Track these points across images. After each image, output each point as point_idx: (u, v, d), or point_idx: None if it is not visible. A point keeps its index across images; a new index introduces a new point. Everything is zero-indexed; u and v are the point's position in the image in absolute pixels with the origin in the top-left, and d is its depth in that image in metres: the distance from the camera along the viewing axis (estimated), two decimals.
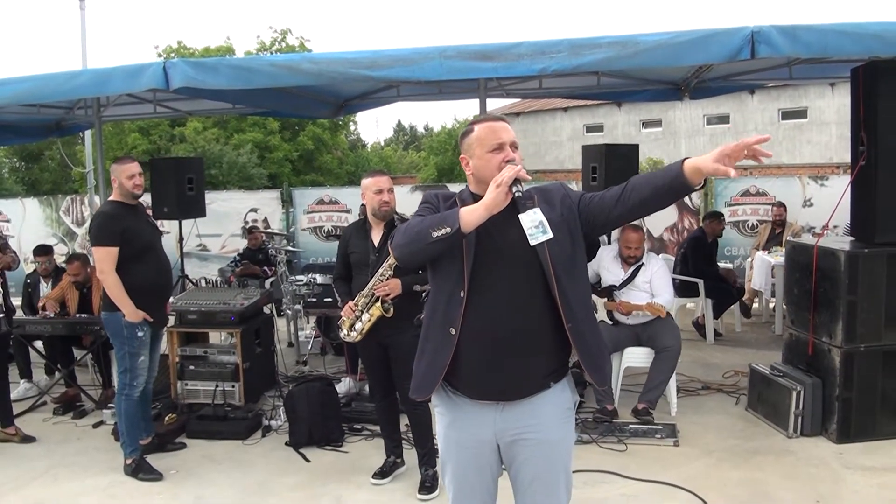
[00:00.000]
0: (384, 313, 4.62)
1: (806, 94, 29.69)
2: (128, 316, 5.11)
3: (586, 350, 2.83)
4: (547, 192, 2.92)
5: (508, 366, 2.79)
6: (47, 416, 6.69)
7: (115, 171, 5.28)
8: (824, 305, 5.61)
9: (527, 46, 5.18)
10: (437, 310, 2.89)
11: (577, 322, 2.80)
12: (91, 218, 5.38)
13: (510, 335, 2.78)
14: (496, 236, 2.81)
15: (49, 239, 12.12)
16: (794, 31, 4.88)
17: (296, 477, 5.22)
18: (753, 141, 2.49)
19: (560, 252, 2.79)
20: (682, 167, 2.59)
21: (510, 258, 2.80)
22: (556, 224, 2.76)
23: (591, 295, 2.99)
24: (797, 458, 5.24)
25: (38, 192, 26.57)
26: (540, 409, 2.85)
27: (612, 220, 2.84)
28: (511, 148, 2.88)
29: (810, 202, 10.42)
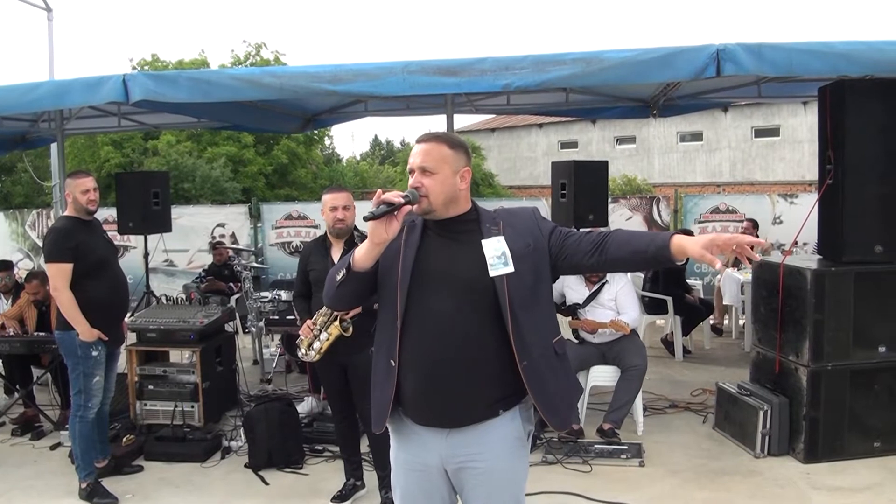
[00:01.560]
0: (343, 332, 4.52)
1: (779, 112, 29.95)
2: (82, 335, 4.99)
3: (540, 390, 2.73)
4: (515, 218, 2.83)
5: (448, 394, 2.71)
6: (5, 437, 6.54)
7: (70, 186, 5.17)
8: (791, 324, 5.58)
9: (490, 62, 5.14)
10: (380, 341, 2.84)
11: (533, 361, 2.70)
12: (45, 235, 5.25)
13: (448, 364, 2.69)
14: (441, 262, 2.75)
15: (14, 254, 11.97)
16: (760, 49, 4.89)
17: (253, 500, 5.11)
18: (747, 241, 2.46)
19: (520, 286, 2.70)
20: (670, 242, 2.54)
21: (456, 284, 2.72)
22: (519, 255, 2.70)
23: (555, 331, 2.86)
24: (764, 478, 5.20)
25: (10, 205, 26.22)
26: (487, 437, 2.74)
27: (583, 267, 2.80)
28: (420, 172, 2.73)
29: (780, 219, 10.47)
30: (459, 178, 2.77)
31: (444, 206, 2.75)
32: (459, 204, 2.80)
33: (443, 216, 2.78)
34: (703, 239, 2.47)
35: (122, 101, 5.58)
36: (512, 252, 2.70)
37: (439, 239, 2.80)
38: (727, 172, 31.86)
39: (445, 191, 2.74)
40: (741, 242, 2.45)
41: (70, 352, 5.10)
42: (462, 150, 2.82)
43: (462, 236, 2.77)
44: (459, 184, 2.77)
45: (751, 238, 2.51)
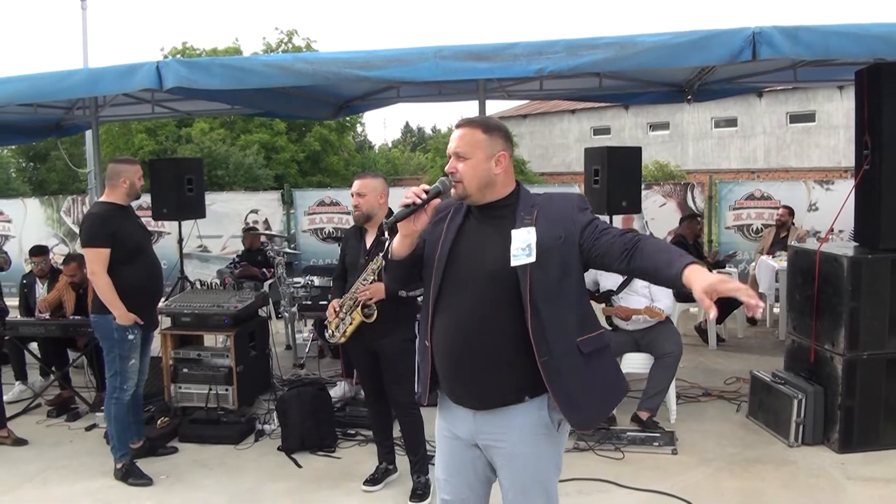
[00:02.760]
0: (365, 318, 4.56)
1: (814, 97, 29.53)
2: (118, 318, 5.05)
3: (560, 388, 2.70)
4: (553, 206, 2.79)
5: (471, 378, 2.77)
6: (41, 419, 6.64)
7: (128, 173, 5.21)
8: (827, 312, 5.51)
9: (523, 47, 5.10)
10: (421, 320, 2.97)
11: (553, 358, 2.69)
12: (82, 220, 5.31)
13: (468, 351, 2.74)
14: (473, 249, 2.79)
15: (50, 239, 12.12)
16: (796, 32, 4.80)
17: (286, 483, 5.15)
18: (754, 302, 2.32)
19: (543, 278, 2.68)
20: (682, 272, 2.46)
21: (480, 272, 2.74)
22: (547, 247, 2.68)
23: (582, 327, 2.79)
24: (798, 468, 5.14)
25: (45, 192, 26.59)
26: (511, 422, 2.78)
27: (611, 269, 2.75)
28: (455, 157, 2.78)
29: (815, 206, 10.31)
30: (494, 163, 2.77)
31: (479, 191, 2.77)
32: (496, 188, 2.80)
33: (479, 201, 2.80)
34: (708, 280, 2.36)
35: (156, 87, 5.59)
36: (540, 243, 2.68)
37: (478, 224, 2.83)
38: (762, 159, 31.51)
39: (479, 175, 2.74)
40: (748, 294, 2.34)
41: (106, 335, 5.16)
42: (499, 133, 2.80)
43: (498, 222, 2.77)
44: (494, 168, 2.77)
45: (752, 297, 2.36)
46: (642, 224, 10.22)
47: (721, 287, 2.35)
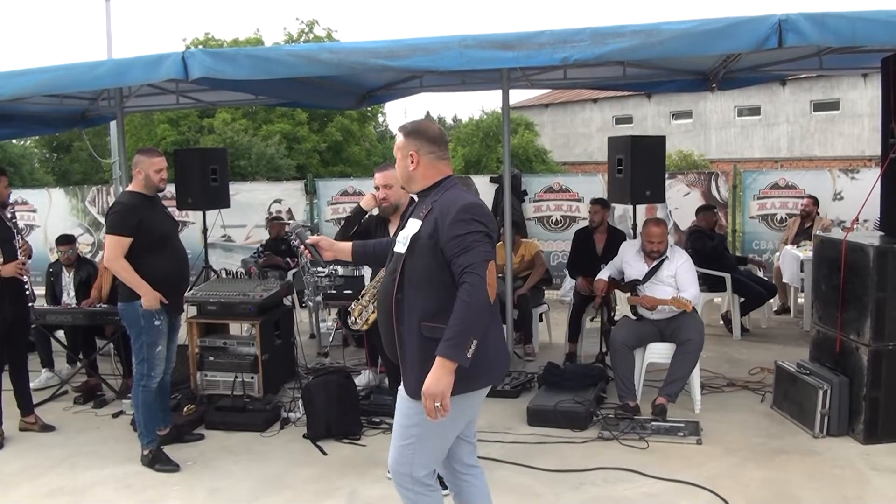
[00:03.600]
0: None
1: (838, 85, 29.25)
2: (145, 299, 5.08)
3: (403, 354, 3.24)
4: (440, 209, 3.17)
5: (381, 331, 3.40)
6: (68, 405, 6.73)
7: (143, 164, 5.24)
8: (852, 302, 5.47)
9: (548, 35, 5.07)
10: None
11: (404, 329, 3.20)
12: (109, 208, 5.36)
13: (378, 306, 3.44)
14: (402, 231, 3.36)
15: (75, 229, 12.22)
16: (823, 18, 4.74)
17: (312, 470, 5.20)
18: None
19: (413, 266, 3.18)
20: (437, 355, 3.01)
21: (391, 258, 3.36)
22: (422, 242, 3.16)
23: (431, 315, 3.13)
24: (822, 459, 5.12)
25: (68, 182, 26.79)
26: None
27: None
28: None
29: (840, 195, 10.21)
30: (409, 161, 3.30)
31: (407, 185, 3.41)
32: (417, 182, 3.34)
33: (410, 192, 3.52)
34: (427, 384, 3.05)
35: (182, 78, 5.60)
36: (418, 237, 3.17)
37: (412, 212, 3.40)
38: (785, 148, 31.28)
39: (400, 172, 3.39)
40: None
41: (133, 322, 5.22)
42: (413, 135, 3.31)
43: (413, 212, 3.35)
44: (410, 165, 3.30)
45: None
46: (666, 213, 10.17)
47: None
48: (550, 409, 5.82)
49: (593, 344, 7.53)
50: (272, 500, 4.78)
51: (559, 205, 10.97)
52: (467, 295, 2.98)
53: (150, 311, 5.16)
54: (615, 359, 6.14)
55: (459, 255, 3.03)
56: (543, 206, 11.11)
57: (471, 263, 3.01)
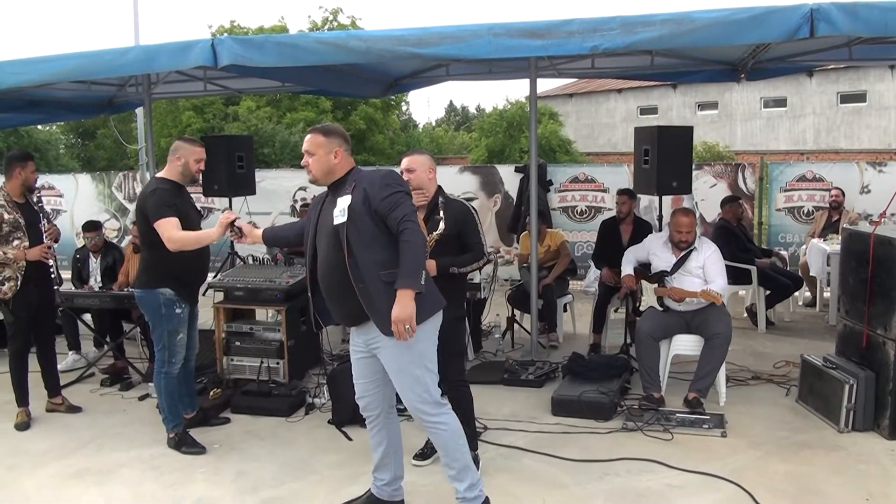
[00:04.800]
0: None
1: (865, 77, 28.94)
2: (213, 236, 4.98)
3: (370, 306, 3.78)
4: (365, 180, 3.85)
5: (336, 306, 4.00)
6: (94, 388, 6.82)
7: (184, 151, 5.26)
8: (880, 296, 5.42)
9: (578, 24, 5.05)
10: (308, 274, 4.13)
11: (366, 285, 3.77)
12: (144, 195, 5.24)
13: (327, 288, 3.97)
14: (324, 216, 3.92)
15: (101, 214, 12.35)
16: (855, 8, 4.70)
17: (337, 455, 5.23)
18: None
19: (355, 231, 3.75)
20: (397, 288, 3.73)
21: (325, 230, 3.90)
22: (357, 210, 3.77)
23: (386, 265, 3.78)
24: (847, 454, 5.09)
25: (93, 168, 27.01)
26: (374, 330, 3.85)
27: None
28: (306, 154, 3.99)
29: (868, 188, 10.12)
30: (333, 156, 3.92)
31: (323, 176, 3.95)
32: (336, 172, 3.94)
33: (327, 182, 3.98)
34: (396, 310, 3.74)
35: (211, 65, 5.62)
36: (352, 207, 3.76)
37: (330, 199, 3.94)
38: (811, 140, 31.00)
39: (322, 165, 3.92)
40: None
41: (153, 310, 5.25)
42: (335, 135, 3.97)
43: (336, 195, 3.88)
44: (333, 159, 3.93)
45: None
46: (692, 204, 10.11)
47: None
48: (575, 399, 5.82)
49: (618, 335, 7.52)
50: (298, 484, 4.82)
51: (584, 195, 10.94)
52: (410, 236, 3.70)
53: (171, 299, 5.20)
54: (640, 350, 6.13)
55: (394, 210, 3.74)
56: (568, 196, 11.08)
57: (405, 214, 3.74)
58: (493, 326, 8.09)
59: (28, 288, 5.73)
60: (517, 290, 8.10)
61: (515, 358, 7.19)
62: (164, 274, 5.19)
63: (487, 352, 7.57)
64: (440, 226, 4.54)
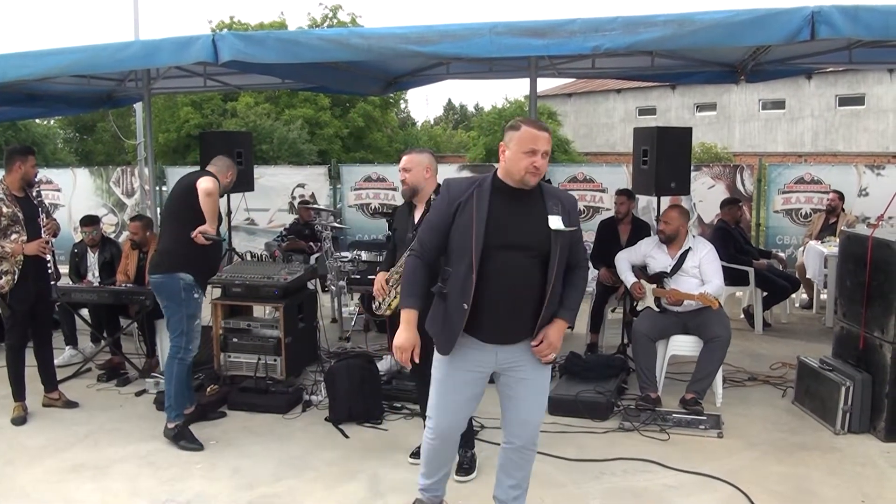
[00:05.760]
0: None
1: (864, 80, 28.98)
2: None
3: (546, 318, 3.61)
4: (568, 202, 3.66)
5: (513, 320, 3.62)
6: (91, 383, 6.81)
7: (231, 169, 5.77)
8: (877, 299, 5.43)
9: (580, 23, 5.05)
10: (456, 284, 3.60)
11: (552, 301, 3.59)
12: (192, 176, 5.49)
13: (513, 300, 3.57)
14: (514, 224, 3.54)
15: (99, 209, 12.30)
16: (856, 11, 4.70)
17: (334, 452, 5.23)
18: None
19: (561, 256, 3.56)
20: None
21: (525, 242, 3.53)
22: (566, 234, 3.56)
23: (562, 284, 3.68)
24: (843, 455, 5.11)
25: (91, 163, 26.97)
26: (527, 352, 3.69)
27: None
28: (542, 156, 3.48)
29: (866, 191, 10.12)
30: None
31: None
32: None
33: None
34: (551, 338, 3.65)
35: (212, 61, 5.60)
36: (563, 231, 3.54)
37: (505, 204, 3.55)
38: (809, 142, 31.04)
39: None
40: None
41: (173, 294, 5.31)
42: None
43: (526, 203, 3.56)
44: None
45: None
46: (690, 206, 10.11)
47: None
48: (572, 398, 5.82)
49: (615, 335, 7.53)
50: (294, 481, 4.81)
51: (583, 195, 10.92)
52: (585, 274, 3.75)
53: (190, 284, 5.29)
54: (637, 350, 6.13)
55: (579, 242, 3.70)
56: None
57: (584, 249, 3.78)
58: None
59: (26, 282, 5.72)
60: None
61: None
62: (185, 259, 5.29)
63: None
64: None
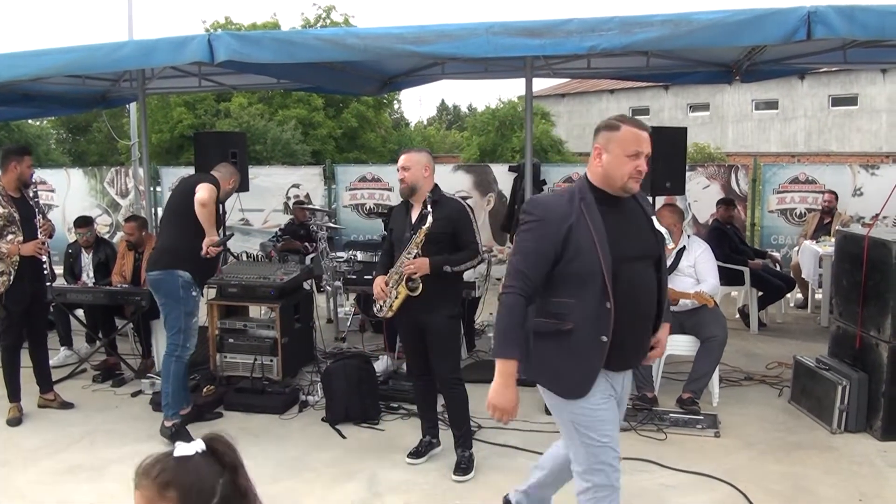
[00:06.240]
0: (410, 292, 4.60)
1: (857, 80, 29.04)
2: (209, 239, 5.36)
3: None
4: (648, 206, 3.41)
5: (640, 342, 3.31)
6: (86, 384, 6.80)
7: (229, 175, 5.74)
8: (874, 298, 5.44)
9: (576, 23, 5.05)
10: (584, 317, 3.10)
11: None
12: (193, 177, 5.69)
13: (640, 319, 3.21)
14: (627, 233, 3.14)
15: (93, 210, 12.28)
16: (852, 11, 4.73)
17: (331, 452, 5.23)
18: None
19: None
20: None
21: (639, 254, 3.19)
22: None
23: None
24: (840, 454, 5.12)
25: (84, 163, 26.91)
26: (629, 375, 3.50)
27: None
28: (645, 160, 3.13)
29: (860, 191, 10.16)
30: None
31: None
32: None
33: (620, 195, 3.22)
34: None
35: (207, 61, 5.60)
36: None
37: (613, 212, 3.14)
38: (802, 142, 31.10)
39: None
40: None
41: (171, 291, 5.33)
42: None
43: (626, 210, 3.20)
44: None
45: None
46: (685, 206, 10.13)
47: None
48: None
49: None
50: (292, 481, 4.80)
51: None
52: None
53: (188, 282, 5.31)
54: None
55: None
56: None
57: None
58: (486, 325, 8.10)
59: (21, 283, 5.71)
60: None
61: None
62: (184, 257, 5.33)
63: (481, 350, 7.56)
64: (428, 220, 4.56)
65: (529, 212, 3.17)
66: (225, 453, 1.79)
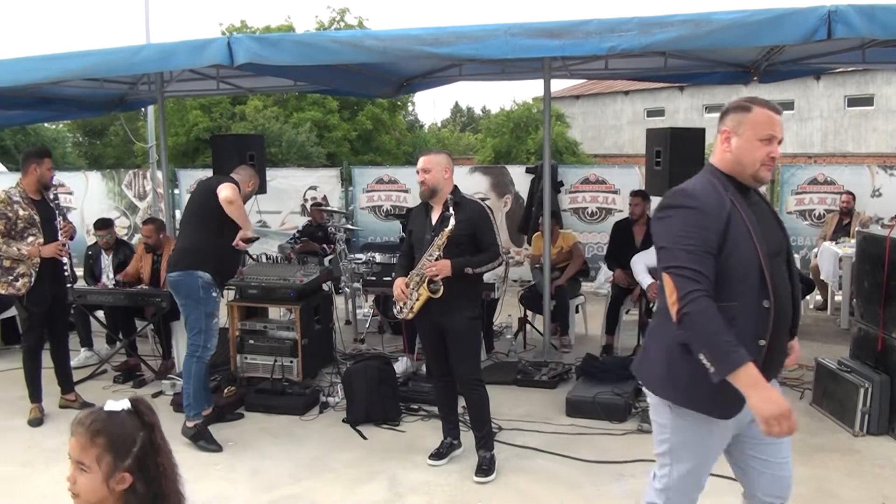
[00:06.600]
0: (431, 294, 4.60)
1: (873, 80, 28.85)
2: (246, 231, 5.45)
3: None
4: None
5: (782, 353, 3.05)
6: (107, 385, 6.83)
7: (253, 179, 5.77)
8: (895, 300, 5.41)
9: (596, 24, 5.05)
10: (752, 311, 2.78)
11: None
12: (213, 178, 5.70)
13: (783, 327, 2.89)
14: (764, 230, 2.81)
15: (111, 212, 12.35)
16: (873, 10, 4.71)
17: (352, 453, 5.23)
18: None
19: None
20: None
21: (779, 251, 2.88)
22: None
23: None
24: (862, 457, 5.08)
25: (101, 166, 27.04)
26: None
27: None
28: (779, 145, 2.85)
29: (879, 192, 10.08)
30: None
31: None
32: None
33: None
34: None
35: (227, 63, 5.62)
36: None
37: (748, 207, 2.82)
38: (818, 143, 30.92)
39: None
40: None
41: (191, 292, 5.35)
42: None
43: (756, 205, 2.88)
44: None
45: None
46: None
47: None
48: (589, 400, 5.81)
49: (631, 336, 7.51)
50: (313, 482, 4.81)
51: (595, 196, 10.92)
52: None
53: (208, 283, 5.32)
54: None
55: None
56: (579, 197, 11.06)
57: None
58: (504, 327, 8.10)
59: (42, 284, 5.74)
60: (529, 291, 8.09)
61: (528, 359, 7.18)
62: (204, 257, 5.34)
63: (499, 352, 7.56)
64: (451, 222, 4.56)
65: (681, 204, 2.78)
66: (146, 413, 2.12)
